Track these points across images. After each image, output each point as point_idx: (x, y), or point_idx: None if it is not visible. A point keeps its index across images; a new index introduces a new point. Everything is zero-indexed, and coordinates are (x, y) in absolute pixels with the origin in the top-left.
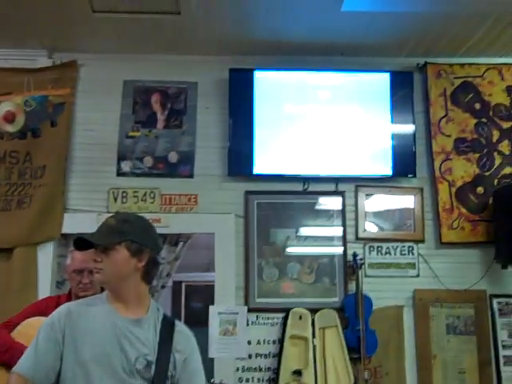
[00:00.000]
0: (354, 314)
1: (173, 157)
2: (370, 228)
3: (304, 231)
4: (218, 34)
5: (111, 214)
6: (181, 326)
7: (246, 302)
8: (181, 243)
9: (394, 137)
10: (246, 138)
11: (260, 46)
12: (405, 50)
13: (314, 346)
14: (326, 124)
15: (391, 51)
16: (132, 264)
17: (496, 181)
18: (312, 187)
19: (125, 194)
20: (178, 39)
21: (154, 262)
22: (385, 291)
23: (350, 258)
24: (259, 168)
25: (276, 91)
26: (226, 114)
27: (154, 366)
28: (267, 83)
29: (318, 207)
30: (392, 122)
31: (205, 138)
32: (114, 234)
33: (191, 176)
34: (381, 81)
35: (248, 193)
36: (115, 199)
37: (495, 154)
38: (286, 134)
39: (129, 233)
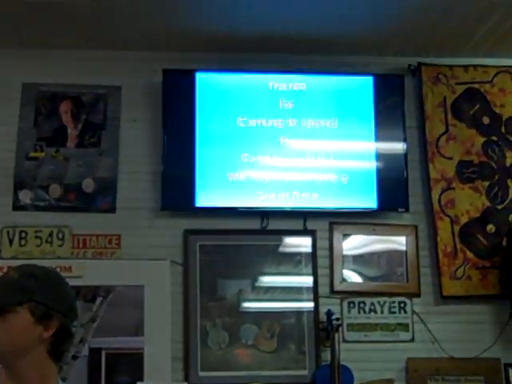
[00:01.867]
0: None
1: (88, 185)
2: (350, 278)
3: (263, 282)
4: (149, 23)
5: (13, 266)
6: None
7: (187, 377)
8: (99, 299)
9: (380, 159)
10: (186, 161)
11: (204, 39)
12: (392, 46)
13: None
14: (290, 142)
15: (375, 48)
16: (36, 333)
17: (511, 216)
18: (273, 224)
19: (24, 235)
20: (95, 30)
21: (65, 333)
22: (369, 361)
23: (323, 317)
24: (203, 200)
25: (225, 99)
26: (159, 129)
27: None
28: (213, 89)
29: (280, 250)
30: (376, 139)
31: (131, 161)
32: (14, 292)
33: (113, 210)
34: (361, 86)
35: (188, 232)
36: (10, 241)
37: (509, 181)
38: (238, 155)
39: (35, 291)
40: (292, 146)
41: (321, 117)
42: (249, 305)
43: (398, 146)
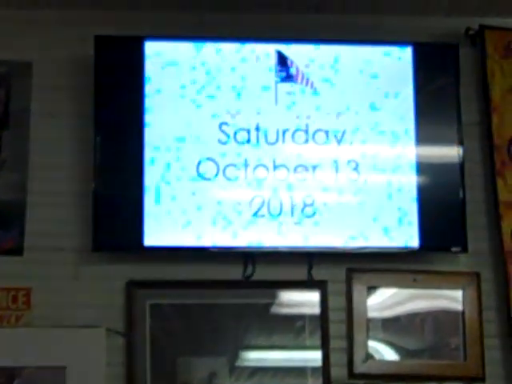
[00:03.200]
0: None
1: None
2: (379, 353)
3: (247, 361)
4: None
5: None
6: None
7: None
8: None
9: (423, 171)
10: (130, 175)
11: None
12: (442, 3)
13: None
14: (286, 147)
15: (416, 6)
16: None
17: None
18: (262, 273)
19: None
20: None
21: None
22: None
23: None
24: (156, 236)
25: (190, 82)
26: (88, 128)
27: None
28: (171, 66)
29: (273, 312)
30: (417, 141)
31: (47, 176)
32: None
33: (19, 251)
34: (396, 62)
35: (134, 285)
36: None
37: None
38: (209, 166)
39: None
40: (289, 154)
41: (332, 107)
42: None
43: (451, 153)
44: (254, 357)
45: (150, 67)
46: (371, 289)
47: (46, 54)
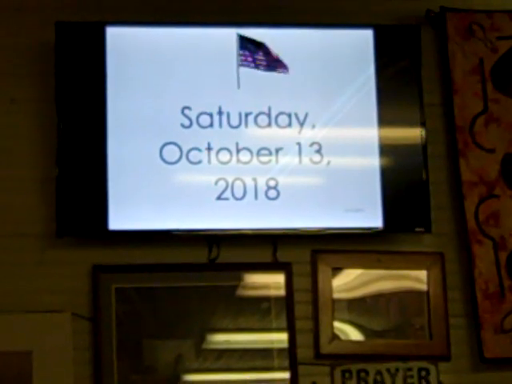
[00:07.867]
0: None
1: None
2: (344, 333)
3: (213, 343)
4: None
5: None
6: None
7: None
8: None
9: (385, 153)
10: (93, 160)
11: None
12: None
13: None
14: (249, 131)
15: None
16: None
17: None
18: (226, 255)
19: None
20: None
21: None
22: None
23: None
24: (120, 220)
25: (150, 67)
26: (51, 114)
27: None
28: (133, 51)
29: (239, 294)
30: (379, 123)
31: (9, 162)
32: None
33: None
34: (357, 44)
35: (99, 269)
36: None
37: None
38: (173, 149)
39: None
40: (252, 137)
41: (294, 91)
42: (192, 377)
43: (413, 134)
44: (221, 339)
45: (112, 52)
46: (336, 270)
47: (7, 39)
